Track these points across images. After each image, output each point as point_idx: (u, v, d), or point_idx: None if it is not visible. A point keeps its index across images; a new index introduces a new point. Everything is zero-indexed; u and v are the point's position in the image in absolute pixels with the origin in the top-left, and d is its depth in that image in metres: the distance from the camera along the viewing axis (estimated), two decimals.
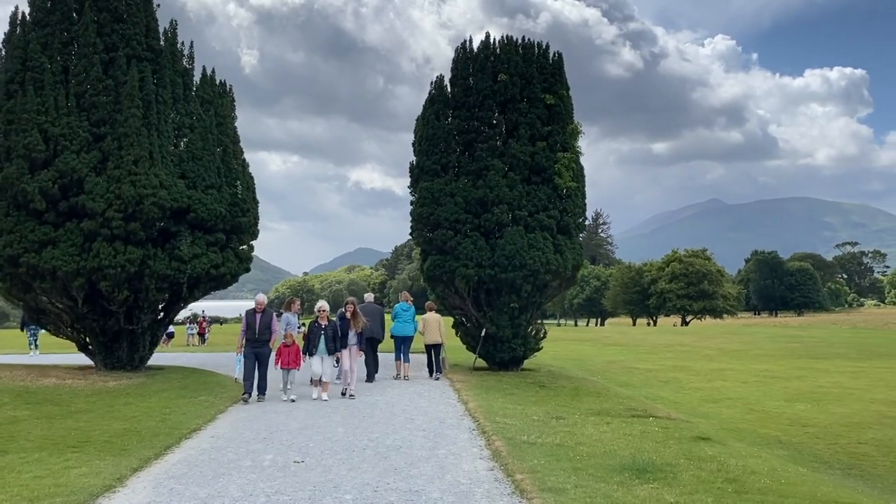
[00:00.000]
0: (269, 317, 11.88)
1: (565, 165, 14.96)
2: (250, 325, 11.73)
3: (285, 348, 11.86)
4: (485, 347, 15.67)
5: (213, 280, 15.33)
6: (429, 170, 15.26)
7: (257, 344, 11.73)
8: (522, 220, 14.86)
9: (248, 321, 11.77)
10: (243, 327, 11.88)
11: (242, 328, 11.90)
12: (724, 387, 19.20)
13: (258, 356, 11.74)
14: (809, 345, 34.92)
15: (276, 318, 12.12)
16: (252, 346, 11.74)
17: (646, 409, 11.42)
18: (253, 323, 11.74)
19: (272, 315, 12.01)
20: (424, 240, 15.62)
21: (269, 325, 11.84)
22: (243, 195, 15.64)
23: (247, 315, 11.87)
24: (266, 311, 11.93)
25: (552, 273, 15.05)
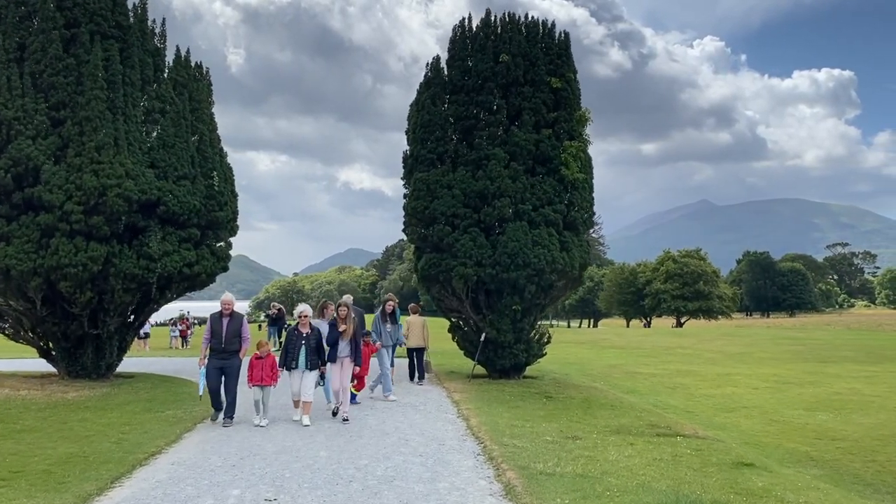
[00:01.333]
0: (238, 322, 9.74)
1: (573, 155, 13.71)
2: (215, 331, 9.62)
3: (257, 361, 9.70)
4: (484, 353, 14.41)
5: (186, 280, 13.98)
6: (424, 159, 13.96)
7: (224, 355, 9.59)
8: (526, 215, 13.59)
9: (213, 327, 9.65)
10: (206, 334, 9.76)
11: (206, 335, 9.80)
12: (735, 393, 18.13)
13: (225, 370, 9.62)
14: (813, 347, 34.06)
15: (246, 324, 9.96)
16: (217, 358, 9.63)
17: (669, 426, 10.19)
18: (218, 329, 9.63)
19: (242, 319, 9.87)
20: (419, 236, 14.33)
21: (239, 331, 9.71)
22: (220, 187, 14.29)
23: (211, 320, 9.73)
24: (235, 315, 9.79)
25: (558, 273, 13.80)
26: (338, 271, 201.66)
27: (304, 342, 9.69)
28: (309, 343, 9.73)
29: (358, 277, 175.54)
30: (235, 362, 9.73)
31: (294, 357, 9.70)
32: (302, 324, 9.77)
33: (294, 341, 9.73)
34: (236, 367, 9.76)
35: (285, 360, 9.78)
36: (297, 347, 9.70)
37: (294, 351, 9.71)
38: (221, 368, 9.63)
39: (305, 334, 9.73)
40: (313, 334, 9.74)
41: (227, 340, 9.60)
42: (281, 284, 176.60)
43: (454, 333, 15.29)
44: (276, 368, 9.77)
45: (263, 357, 9.76)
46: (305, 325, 9.78)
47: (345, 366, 10.08)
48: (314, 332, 9.75)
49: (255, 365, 9.71)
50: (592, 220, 14.72)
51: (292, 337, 9.79)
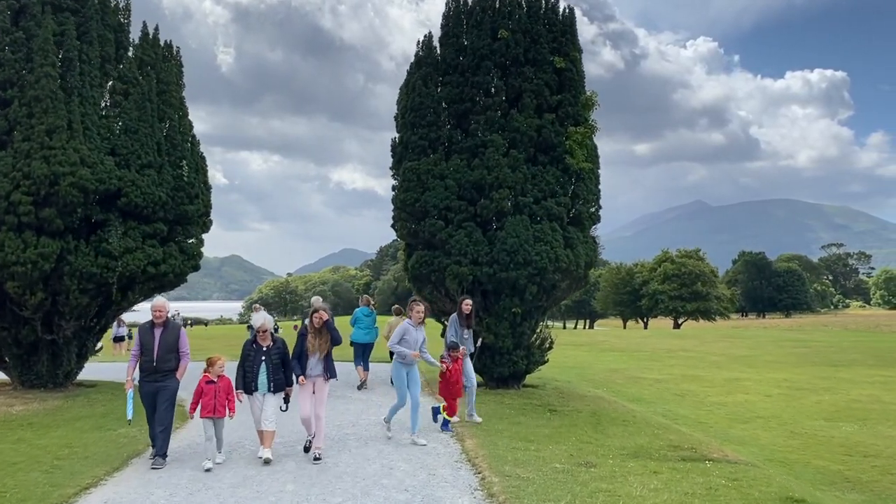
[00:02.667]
0: (173, 334, 7.60)
1: (578, 142, 12.44)
2: (145, 346, 7.51)
3: (209, 385, 7.52)
4: (481, 361, 13.12)
5: (151, 280, 12.63)
6: (414, 147, 12.65)
7: (157, 376, 7.47)
8: (527, 208, 12.32)
9: (142, 341, 7.54)
10: (135, 349, 7.69)
11: (133, 350, 7.73)
12: (748, 401, 16.99)
13: (158, 395, 7.51)
14: (819, 350, 33.10)
15: (185, 336, 7.78)
16: (149, 380, 7.51)
17: (693, 447, 8.92)
18: (149, 343, 7.49)
19: (179, 331, 7.73)
20: (409, 232, 13.03)
21: (175, 345, 7.59)
22: (191, 178, 12.96)
23: (140, 332, 7.64)
24: (170, 326, 7.65)
25: (562, 272, 12.52)
26: (332, 271, 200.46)
27: (264, 357, 7.65)
28: (271, 358, 7.67)
29: (352, 278, 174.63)
30: (171, 384, 7.58)
31: (253, 377, 7.64)
32: (261, 336, 7.75)
33: (252, 357, 7.67)
34: (171, 390, 7.60)
35: (241, 381, 7.73)
36: (256, 364, 7.65)
37: (253, 369, 7.66)
38: (154, 393, 7.52)
39: (266, 347, 7.72)
40: (276, 347, 7.77)
41: (161, 357, 7.46)
42: (274, 285, 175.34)
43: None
44: (232, 394, 7.67)
45: (215, 381, 7.58)
46: (266, 337, 7.77)
47: (317, 387, 7.90)
48: (277, 344, 7.81)
49: (207, 390, 7.52)
50: (599, 214, 13.45)
51: (249, 352, 7.72)
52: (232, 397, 7.64)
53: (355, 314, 13.88)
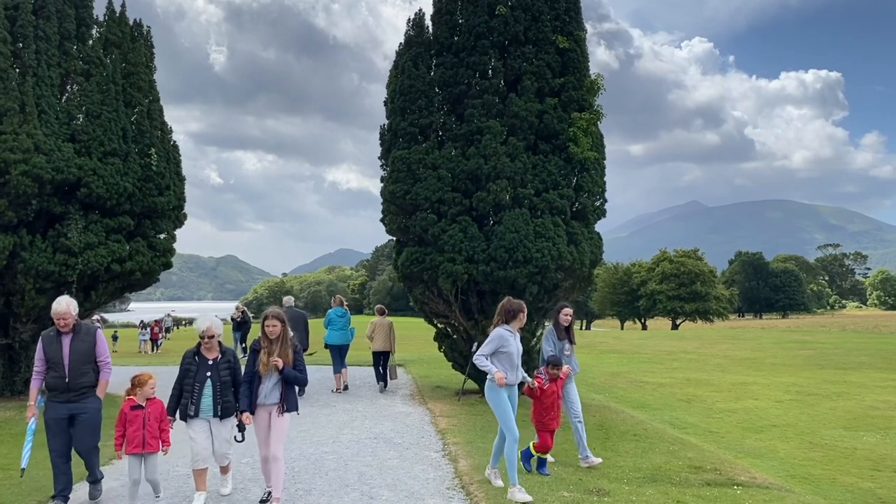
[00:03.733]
0: (88, 340, 5.89)
1: (583, 129, 11.40)
2: (52, 359, 5.82)
3: (134, 411, 5.81)
4: (476, 367, 12.08)
5: (117, 278, 11.56)
6: (404, 134, 11.59)
7: (71, 395, 5.81)
8: (527, 201, 11.28)
9: (47, 352, 5.85)
10: (38, 365, 5.92)
11: (37, 366, 5.94)
12: (758, 408, 16.03)
13: (75, 421, 5.88)
14: (824, 352, 32.25)
15: (103, 340, 6.06)
16: (61, 401, 5.83)
17: (716, 467, 7.90)
18: (56, 355, 5.81)
19: (95, 334, 5.99)
20: (399, 227, 11.97)
21: (92, 354, 5.92)
22: (160, 168, 11.89)
23: (43, 341, 5.90)
24: (82, 331, 5.90)
25: (564, 270, 11.50)
26: (327, 272, 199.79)
27: (209, 373, 5.92)
28: (218, 373, 5.94)
29: (347, 278, 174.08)
30: (91, 405, 5.90)
31: (195, 398, 5.86)
32: (207, 346, 6.01)
33: (194, 372, 5.92)
34: (93, 412, 5.92)
35: (177, 404, 5.95)
36: (199, 381, 5.89)
37: (193, 388, 5.88)
38: (70, 418, 5.83)
39: (213, 360, 5.98)
40: (224, 360, 6.01)
41: (74, 371, 5.76)
42: (269, 285, 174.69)
43: (441, 342, 12.96)
44: (166, 421, 5.98)
45: (143, 404, 5.86)
46: (213, 348, 6.04)
47: (274, 419, 5.92)
48: (226, 356, 6.06)
49: (133, 418, 5.76)
50: (604, 208, 12.42)
51: (190, 365, 5.96)
52: (166, 426, 5.96)
53: (328, 315, 13.17)
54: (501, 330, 6.56)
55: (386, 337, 12.98)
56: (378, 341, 13.01)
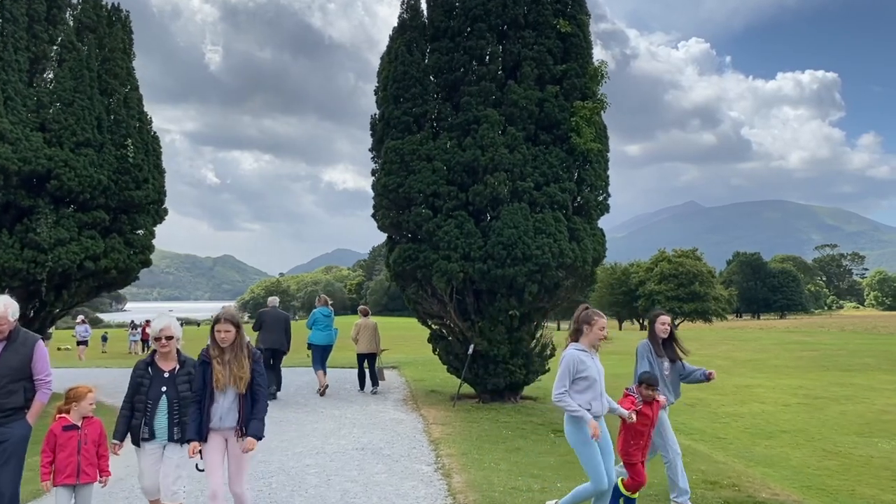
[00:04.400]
0: (23, 351, 4.70)
1: (585, 119, 10.76)
2: None
3: (67, 432, 4.68)
4: (472, 370, 11.45)
5: (91, 276, 10.89)
6: (397, 123, 10.93)
7: None
8: (526, 195, 10.64)
9: None
10: None
11: None
12: (765, 412, 15.42)
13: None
14: (828, 354, 31.66)
15: (43, 351, 4.80)
16: None
17: (733, 482, 7.26)
18: None
19: (35, 345, 4.76)
20: (391, 222, 11.31)
21: (27, 369, 4.71)
22: (137, 160, 11.21)
23: None
24: (19, 339, 4.71)
25: (566, 268, 10.85)
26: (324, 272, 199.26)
27: (165, 388, 4.85)
28: (176, 388, 4.87)
29: (344, 278, 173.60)
30: (15, 432, 4.64)
31: (147, 418, 4.81)
32: (162, 353, 4.92)
33: (147, 386, 4.85)
34: (16, 441, 4.65)
35: (127, 426, 4.85)
36: (153, 398, 4.82)
37: (146, 406, 4.82)
38: None
39: (168, 373, 4.90)
40: (184, 372, 4.92)
41: (1, 389, 4.60)
42: (266, 285, 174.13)
43: (435, 344, 12.31)
44: (105, 445, 4.84)
45: (79, 424, 4.72)
46: (170, 357, 4.94)
47: (232, 447, 4.78)
48: (186, 367, 4.95)
49: (65, 441, 4.65)
50: (608, 203, 11.78)
51: (142, 378, 4.89)
52: (105, 451, 4.80)
53: (313, 315, 12.79)
54: (573, 351, 5.15)
55: (371, 338, 12.65)
56: (363, 343, 12.65)
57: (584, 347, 5.20)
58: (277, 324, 11.95)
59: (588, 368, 5.10)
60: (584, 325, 5.18)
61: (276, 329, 11.83)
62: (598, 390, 5.19)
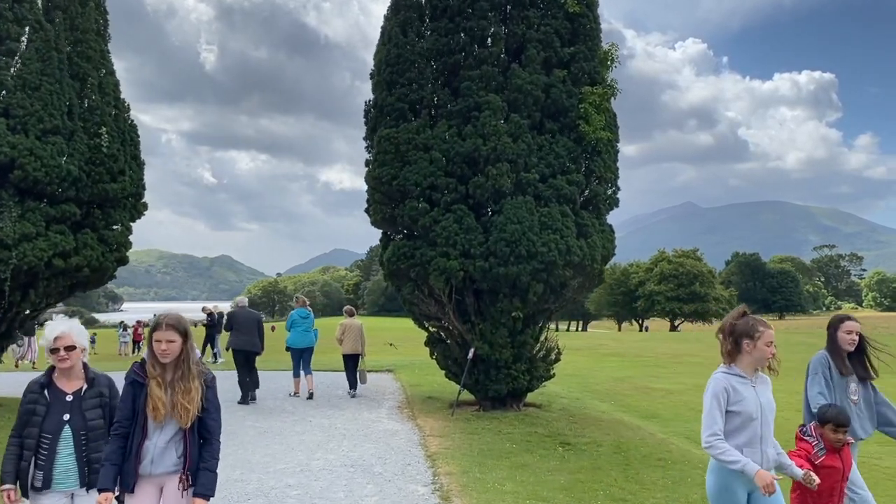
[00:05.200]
0: None
1: (595, 105, 9.98)
2: None
3: None
4: (472, 375, 10.66)
5: (60, 275, 10.07)
6: (392, 110, 10.12)
7: None
8: (531, 187, 9.85)
9: None
10: None
11: None
12: (780, 419, 14.41)
13: None
14: None
15: None
16: None
17: None
18: None
19: None
20: (385, 217, 10.51)
21: None
22: (112, 149, 10.40)
23: None
24: None
25: (573, 267, 10.06)
26: (322, 272, 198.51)
27: (68, 416, 3.63)
28: (83, 416, 3.65)
29: (342, 278, 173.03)
30: None
31: (41, 460, 3.58)
32: (62, 370, 3.66)
33: (42, 417, 3.61)
34: None
35: (16, 467, 3.57)
36: (48, 432, 3.59)
37: (39, 444, 3.59)
38: None
39: (72, 395, 3.66)
40: (93, 393, 3.70)
41: None
42: (263, 285, 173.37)
43: (433, 348, 11.51)
44: None
45: None
46: (72, 374, 3.69)
47: (170, 499, 3.44)
48: (96, 387, 3.72)
49: None
50: (617, 197, 11.00)
51: (36, 405, 3.62)
52: None
53: (291, 316, 12.41)
54: (721, 375, 3.72)
55: (356, 339, 12.38)
56: (348, 344, 12.38)
57: (741, 372, 3.69)
58: (250, 324, 11.52)
59: (743, 400, 3.59)
60: (743, 340, 3.65)
61: (249, 330, 11.43)
62: (758, 432, 3.62)
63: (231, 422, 9.92)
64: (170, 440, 3.40)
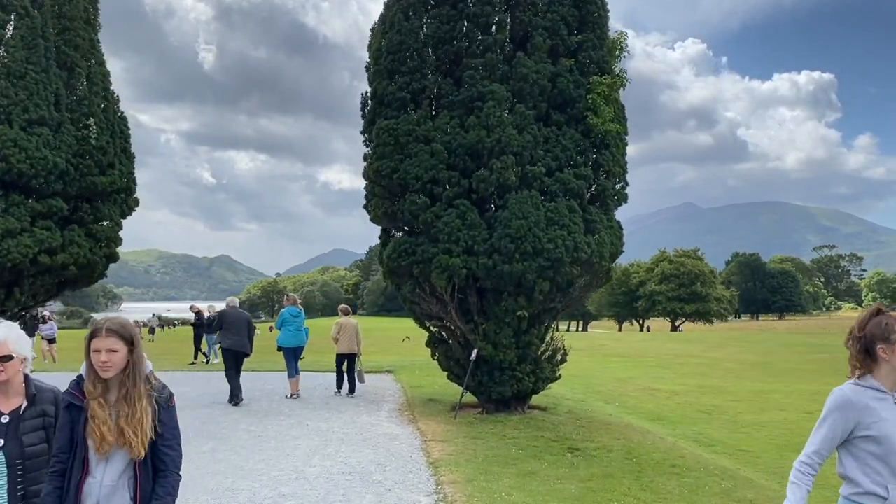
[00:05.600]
0: None
1: (604, 96, 9.58)
2: None
3: None
4: (476, 377, 10.26)
5: (47, 272, 9.67)
6: (391, 100, 9.72)
7: None
8: (537, 181, 9.45)
9: None
10: None
11: None
12: (788, 421, 14.31)
13: None
14: (838, 356, 30.50)
15: None
16: None
17: None
18: None
19: None
20: (384, 212, 10.11)
21: None
22: (101, 141, 10.01)
23: None
24: None
25: (581, 264, 9.67)
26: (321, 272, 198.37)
27: (2, 442, 2.86)
28: (19, 443, 2.89)
29: (341, 278, 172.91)
30: None
31: None
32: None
33: None
34: None
35: None
36: None
37: None
38: None
39: (8, 417, 2.90)
40: (34, 413, 2.95)
41: None
42: (262, 285, 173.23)
43: (434, 348, 11.11)
44: None
45: None
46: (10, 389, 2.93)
47: None
48: (39, 404, 2.97)
49: None
50: (626, 192, 10.60)
51: None
52: None
53: (282, 315, 12.22)
54: (849, 390, 2.78)
55: (352, 338, 12.23)
56: (343, 343, 12.22)
57: (878, 385, 2.78)
58: (240, 324, 11.32)
59: (881, 422, 2.70)
60: (878, 345, 2.75)
61: (239, 330, 11.25)
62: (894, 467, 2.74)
63: (224, 425, 9.53)
64: (119, 477, 2.66)
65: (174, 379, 15.44)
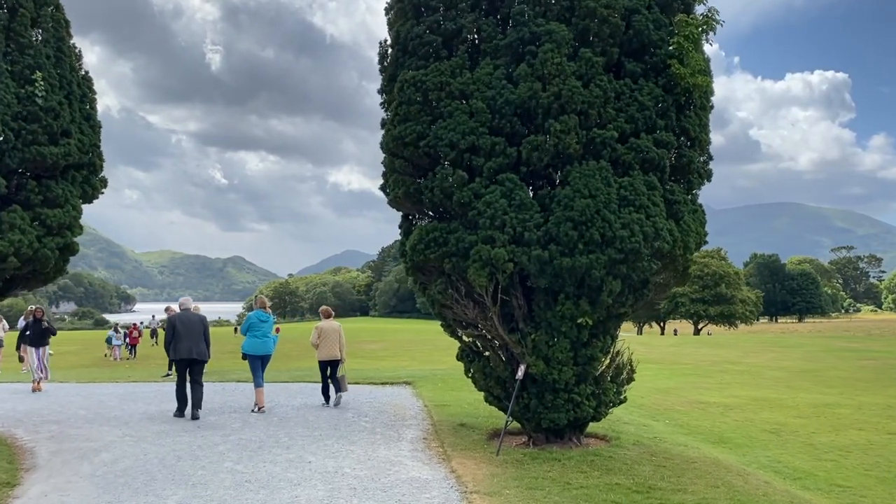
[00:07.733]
0: None
1: (692, 40, 7.40)
2: None
3: None
4: (521, 400, 8.09)
5: None
6: (418, 46, 7.56)
7: None
8: (608, 150, 7.27)
9: None
10: None
11: None
12: (872, 443, 12.41)
13: None
14: (889, 363, 28.62)
15: None
16: None
17: None
18: None
19: None
20: (407, 191, 7.94)
21: None
22: (51, 102, 7.92)
23: None
24: None
25: (662, 257, 7.48)
26: (333, 273, 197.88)
27: None
28: None
29: (353, 279, 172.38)
30: None
31: None
32: None
33: None
34: None
35: None
36: None
37: None
38: None
39: None
40: None
41: None
42: (274, 286, 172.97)
43: (468, 363, 8.92)
44: None
45: None
46: None
47: None
48: None
49: None
50: (709, 167, 8.40)
51: None
52: None
53: (248, 319, 11.23)
54: None
55: (334, 343, 11.33)
56: (325, 349, 11.25)
57: None
58: (193, 328, 10.21)
59: None
60: None
61: (192, 336, 10.15)
62: None
63: (203, 463, 7.40)
64: None
65: (160, 393, 13.38)
